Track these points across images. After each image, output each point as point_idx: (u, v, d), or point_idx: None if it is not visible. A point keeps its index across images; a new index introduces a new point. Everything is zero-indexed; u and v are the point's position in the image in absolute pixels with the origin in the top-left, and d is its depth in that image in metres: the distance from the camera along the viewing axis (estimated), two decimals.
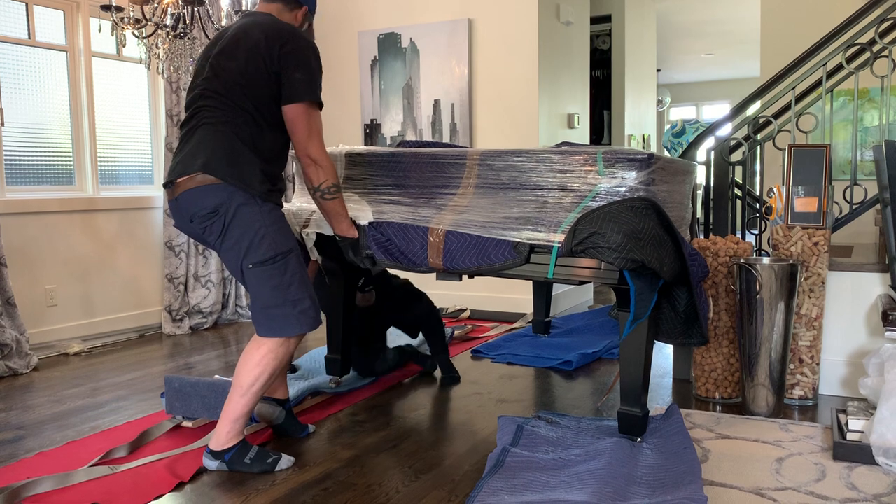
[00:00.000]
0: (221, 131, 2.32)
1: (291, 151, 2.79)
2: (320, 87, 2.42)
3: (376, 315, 3.52)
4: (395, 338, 4.10)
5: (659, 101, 11.74)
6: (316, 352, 4.00)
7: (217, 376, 3.28)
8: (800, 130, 3.35)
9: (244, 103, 2.34)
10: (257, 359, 2.35)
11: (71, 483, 2.30)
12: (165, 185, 2.40)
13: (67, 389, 3.48)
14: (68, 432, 2.86)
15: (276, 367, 2.40)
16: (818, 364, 3.07)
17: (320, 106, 2.42)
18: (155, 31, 3.62)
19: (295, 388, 3.21)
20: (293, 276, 2.35)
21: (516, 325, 4.76)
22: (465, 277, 2.94)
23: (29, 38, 4.24)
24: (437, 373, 3.67)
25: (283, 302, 2.33)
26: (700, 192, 3.58)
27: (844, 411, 2.61)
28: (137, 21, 3.54)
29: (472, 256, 2.58)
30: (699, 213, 3.55)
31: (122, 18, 3.50)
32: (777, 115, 3.64)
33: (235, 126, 2.33)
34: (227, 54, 2.36)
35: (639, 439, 2.55)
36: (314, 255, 2.89)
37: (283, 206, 2.46)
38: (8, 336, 3.77)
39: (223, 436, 2.38)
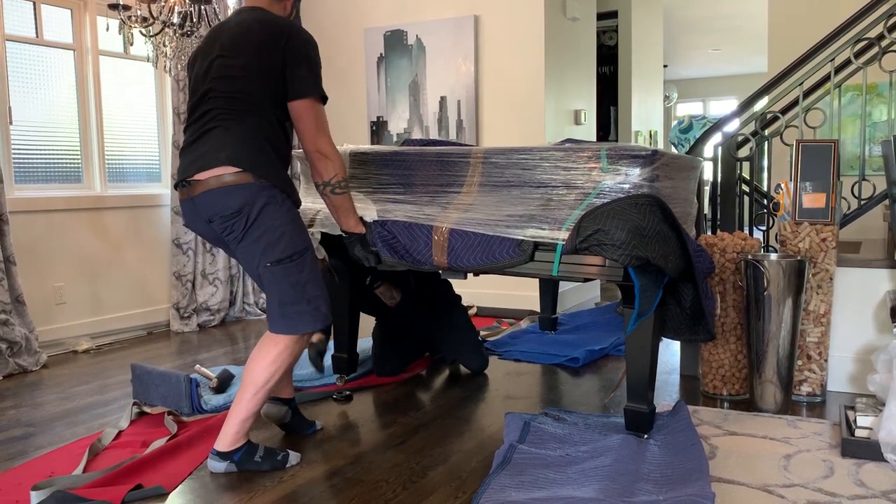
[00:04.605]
0: (238, 128, 2.33)
1: (298, 150, 2.78)
2: (322, 82, 2.43)
3: (411, 319, 3.54)
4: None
5: (666, 97, 11.69)
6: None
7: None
8: (808, 126, 3.33)
9: (253, 100, 2.34)
10: (272, 356, 2.37)
11: (80, 485, 2.30)
12: (179, 185, 2.40)
13: (76, 387, 3.50)
14: (78, 429, 2.88)
15: (290, 365, 2.44)
16: (826, 360, 3.06)
17: (324, 101, 2.43)
18: (162, 29, 3.63)
19: None
20: (310, 274, 2.38)
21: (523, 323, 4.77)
22: (470, 275, 2.94)
23: (37, 36, 4.26)
24: (445, 372, 3.67)
25: (299, 299, 2.35)
26: (707, 188, 3.57)
27: (853, 408, 2.60)
28: (145, 19, 3.56)
29: (476, 254, 2.58)
30: (706, 209, 3.54)
31: (129, 17, 3.51)
32: (785, 111, 3.62)
33: (250, 123, 2.34)
34: (230, 54, 2.36)
35: (646, 436, 2.55)
36: (321, 254, 2.90)
37: (300, 203, 2.48)
38: (17, 334, 3.79)
39: (231, 436, 2.38)
